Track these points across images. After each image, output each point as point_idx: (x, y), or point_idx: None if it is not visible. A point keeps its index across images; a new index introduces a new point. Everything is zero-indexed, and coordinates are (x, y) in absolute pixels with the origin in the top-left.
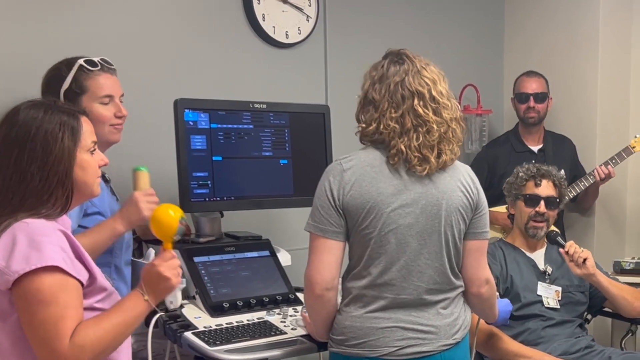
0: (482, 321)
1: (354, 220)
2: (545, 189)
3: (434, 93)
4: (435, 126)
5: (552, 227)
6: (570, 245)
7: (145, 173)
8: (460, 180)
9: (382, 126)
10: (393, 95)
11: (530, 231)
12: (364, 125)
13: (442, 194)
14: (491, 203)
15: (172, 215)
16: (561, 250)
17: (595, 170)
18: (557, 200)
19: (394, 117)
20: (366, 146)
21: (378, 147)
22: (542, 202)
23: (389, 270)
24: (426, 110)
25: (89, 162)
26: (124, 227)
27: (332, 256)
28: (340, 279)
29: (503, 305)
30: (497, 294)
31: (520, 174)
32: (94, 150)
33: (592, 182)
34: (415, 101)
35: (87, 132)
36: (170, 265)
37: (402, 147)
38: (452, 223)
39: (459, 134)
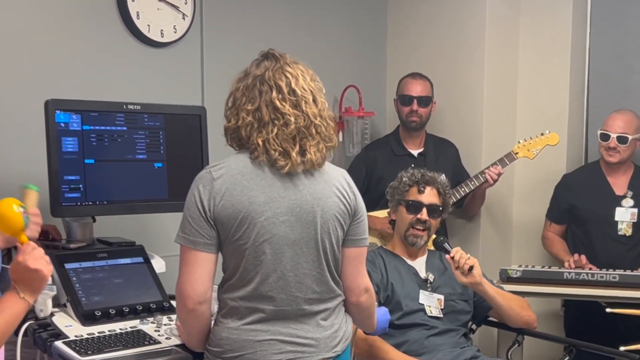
0: (360, 330)
1: (226, 231)
2: (429, 196)
3: (294, 86)
4: (292, 119)
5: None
6: (457, 252)
7: (33, 192)
8: (336, 186)
9: (240, 121)
10: (250, 90)
11: (409, 239)
12: (226, 123)
13: (317, 201)
14: (369, 207)
15: (15, 210)
16: (447, 256)
17: (487, 173)
18: (440, 208)
19: (250, 111)
20: (236, 152)
21: (246, 150)
22: (425, 210)
23: (265, 282)
24: (283, 103)
25: None
26: (2, 244)
27: (204, 269)
28: (216, 287)
29: (381, 314)
30: (376, 303)
31: (404, 179)
32: None
33: (478, 184)
34: (274, 94)
35: None
36: (35, 256)
37: (260, 142)
38: (330, 230)
39: (326, 132)
